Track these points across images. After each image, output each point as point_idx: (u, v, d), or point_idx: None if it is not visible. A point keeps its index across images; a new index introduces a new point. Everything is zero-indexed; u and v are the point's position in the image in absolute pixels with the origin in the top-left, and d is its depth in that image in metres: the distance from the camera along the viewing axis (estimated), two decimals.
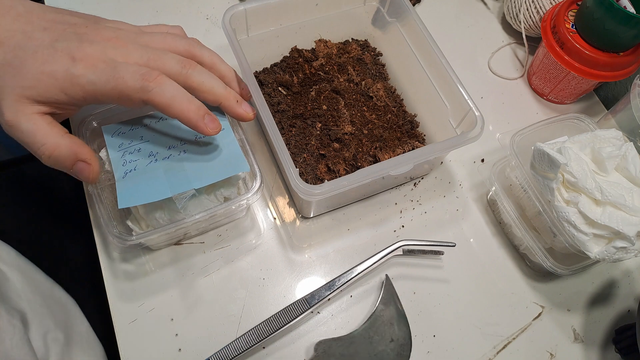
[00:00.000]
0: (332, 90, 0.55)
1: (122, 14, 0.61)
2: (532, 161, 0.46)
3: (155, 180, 0.41)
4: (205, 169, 0.42)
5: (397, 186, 0.55)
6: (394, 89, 0.59)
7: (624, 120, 0.53)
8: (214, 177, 0.42)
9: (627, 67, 0.56)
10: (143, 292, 0.46)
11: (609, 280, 0.54)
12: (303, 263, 0.50)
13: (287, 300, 0.47)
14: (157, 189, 0.40)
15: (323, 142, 0.52)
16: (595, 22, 0.53)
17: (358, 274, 0.47)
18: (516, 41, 0.68)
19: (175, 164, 0.42)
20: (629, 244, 0.42)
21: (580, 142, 0.47)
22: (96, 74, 0.35)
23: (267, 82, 0.56)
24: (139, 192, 0.40)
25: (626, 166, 0.45)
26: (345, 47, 0.60)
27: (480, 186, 0.57)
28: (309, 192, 0.41)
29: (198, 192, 0.42)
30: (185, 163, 0.42)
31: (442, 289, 0.50)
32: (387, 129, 0.54)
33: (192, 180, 0.41)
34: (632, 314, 0.52)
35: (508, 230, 0.53)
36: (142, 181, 0.40)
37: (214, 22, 0.63)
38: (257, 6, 0.50)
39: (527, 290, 0.52)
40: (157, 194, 0.40)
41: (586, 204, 0.43)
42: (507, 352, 0.48)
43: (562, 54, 0.57)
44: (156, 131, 0.43)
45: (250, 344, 0.43)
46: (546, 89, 0.63)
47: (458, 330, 0.49)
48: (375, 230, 0.52)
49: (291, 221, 0.52)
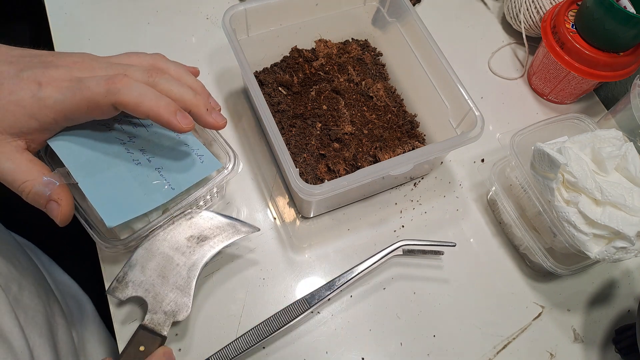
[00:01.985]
0: (332, 90, 0.55)
1: (122, 14, 0.61)
2: (532, 161, 0.46)
3: (132, 191, 0.40)
4: (179, 173, 0.42)
5: (397, 186, 0.55)
6: (394, 89, 0.59)
7: (624, 120, 0.53)
8: (191, 179, 0.42)
9: (627, 67, 0.56)
10: None
11: (609, 280, 0.54)
12: (303, 263, 0.50)
13: (287, 300, 0.47)
14: (139, 199, 0.40)
15: (323, 142, 0.52)
16: (595, 22, 0.53)
17: (358, 274, 0.47)
18: (516, 41, 0.68)
19: (146, 172, 0.41)
20: (629, 244, 0.42)
21: (580, 142, 0.47)
22: (62, 92, 0.35)
23: (267, 82, 0.56)
24: (122, 207, 0.39)
25: (626, 166, 0.45)
26: (345, 47, 0.60)
27: (480, 186, 0.57)
28: (309, 192, 0.41)
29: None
30: (157, 170, 0.42)
31: (442, 289, 0.50)
32: (387, 129, 0.54)
33: (173, 186, 0.41)
34: (632, 314, 0.52)
35: (508, 230, 0.53)
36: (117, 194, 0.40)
37: (214, 22, 0.63)
38: (257, 6, 0.50)
39: (527, 290, 0.52)
40: (142, 205, 0.40)
41: (586, 204, 0.43)
42: (507, 352, 0.48)
43: (562, 54, 0.57)
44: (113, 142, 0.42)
45: (250, 344, 0.43)
46: (546, 89, 0.63)
47: (458, 330, 0.49)
48: (375, 230, 0.52)
49: (291, 221, 0.52)
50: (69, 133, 0.39)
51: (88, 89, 0.35)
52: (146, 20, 0.61)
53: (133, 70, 0.38)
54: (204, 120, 0.40)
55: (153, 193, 0.41)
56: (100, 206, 0.39)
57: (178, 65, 0.42)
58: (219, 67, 0.60)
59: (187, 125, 0.37)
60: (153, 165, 0.42)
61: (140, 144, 0.42)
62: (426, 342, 0.48)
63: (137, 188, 0.40)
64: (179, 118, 0.37)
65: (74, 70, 0.37)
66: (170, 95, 0.38)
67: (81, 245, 0.60)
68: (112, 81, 0.35)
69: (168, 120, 0.37)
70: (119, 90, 0.35)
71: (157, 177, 0.41)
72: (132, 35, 0.60)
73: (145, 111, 0.36)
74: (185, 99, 0.39)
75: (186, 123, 0.37)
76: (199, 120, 0.40)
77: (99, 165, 0.40)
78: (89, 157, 0.40)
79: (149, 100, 0.36)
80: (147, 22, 0.61)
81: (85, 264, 0.58)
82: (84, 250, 0.55)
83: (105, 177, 0.40)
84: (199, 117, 0.40)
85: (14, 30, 0.87)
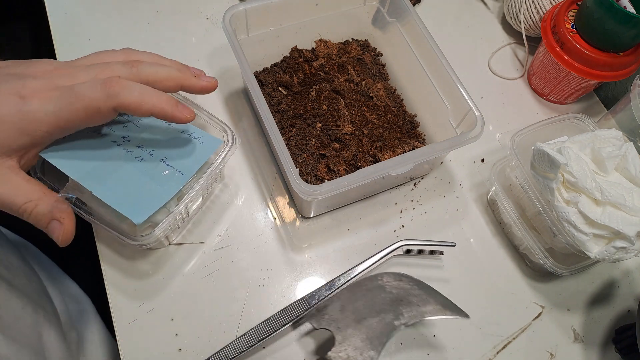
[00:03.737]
0: (332, 90, 0.55)
1: (122, 14, 0.61)
2: (532, 161, 0.46)
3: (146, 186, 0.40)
4: (185, 159, 0.43)
5: (397, 186, 0.55)
6: (394, 89, 0.59)
7: (624, 120, 0.53)
8: (198, 161, 0.43)
9: (627, 67, 0.56)
10: (143, 292, 0.46)
11: (609, 280, 0.54)
12: (303, 263, 0.50)
13: (287, 300, 0.47)
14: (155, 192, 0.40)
15: (323, 142, 0.52)
16: (595, 22, 0.53)
17: (358, 274, 0.47)
18: (516, 41, 0.68)
19: (152, 166, 0.41)
20: (629, 244, 0.42)
21: (580, 142, 0.47)
22: (54, 104, 0.34)
23: (267, 82, 0.56)
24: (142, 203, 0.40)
25: (626, 166, 0.45)
26: (345, 47, 0.60)
27: (480, 186, 0.57)
28: (309, 192, 0.41)
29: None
30: (162, 161, 0.42)
31: (442, 289, 0.50)
32: (387, 129, 0.54)
33: (183, 172, 0.42)
34: (632, 314, 0.52)
35: (508, 230, 0.53)
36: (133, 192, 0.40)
37: (214, 22, 0.63)
38: (257, 6, 0.50)
39: (527, 290, 0.52)
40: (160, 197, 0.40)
41: (586, 204, 0.43)
42: (507, 352, 0.48)
43: (562, 54, 0.57)
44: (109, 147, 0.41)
45: (250, 344, 0.43)
46: (546, 89, 0.63)
47: (458, 330, 0.49)
48: (375, 230, 0.52)
49: (291, 221, 0.52)
50: (62, 147, 0.39)
51: (85, 96, 0.34)
52: (146, 20, 0.61)
53: (113, 67, 0.37)
54: (198, 86, 0.40)
55: (166, 183, 0.41)
56: (123, 207, 0.39)
57: (150, 53, 0.41)
58: (219, 67, 0.60)
59: (190, 115, 0.38)
60: (156, 157, 0.42)
61: (136, 141, 0.42)
62: (426, 342, 0.48)
63: (149, 182, 0.41)
64: (180, 109, 0.37)
65: (54, 79, 0.35)
66: (158, 77, 0.38)
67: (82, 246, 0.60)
68: (109, 85, 0.34)
69: (172, 113, 0.37)
70: (119, 92, 0.34)
71: (165, 167, 0.42)
72: (132, 35, 0.60)
73: (148, 109, 0.36)
74: (173, 75, 0.39)
75: (188, 113, 0.38)
76: (192, 89, 0.40)
77: (105, 170, 0.40)
78: (93, 166, 0.40)
79: (149, 99, 0.36)
80: (147, 22, 0.61)
81: (85, 264, 0.58)
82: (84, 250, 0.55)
83: (116, 180, 0.40)
84: (191, 86, 0.40)
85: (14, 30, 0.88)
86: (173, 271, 0.48)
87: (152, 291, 0.46)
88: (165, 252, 0.48)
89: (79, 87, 0.34)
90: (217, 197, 0.52)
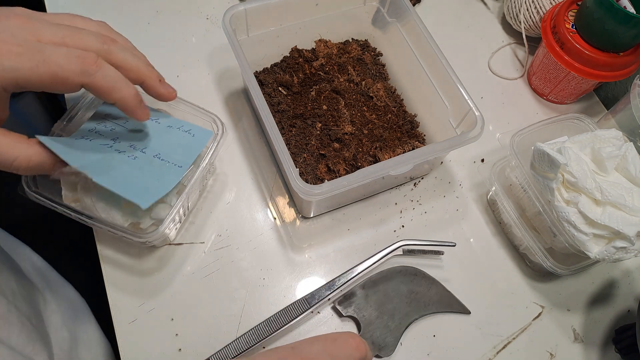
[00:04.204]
0: (332, 90, 0.55)
1: (122, 14, 0.61)
2: (532, 161, 0.46)
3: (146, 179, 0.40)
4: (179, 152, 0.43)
5: (397, 186, 0.55)
6: (394, 89, 0.59)
7: (624, 120, 0.53)
8: (192, 153, 0.43)
9: (627, 67, 0.56)
10: (143, 292, 0.46)
11: (609, 280, 0.54)
12: (303, 263, 0.50)
13: (287, 300, 0.47)
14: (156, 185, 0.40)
15: (323, 142, 0.52)
16: (595, 22, 0.53)
17: (358, 274, 0.47)
18: (516, 41, 0.68)
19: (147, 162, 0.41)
20: (629, 244, 0.42)
21: (580, 142, 0.47)
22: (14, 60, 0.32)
23: (267, 82, 0.56)
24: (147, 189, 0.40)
25: (626, 166, 0.45)
26: (345, 47, 0.60)
27: (480, 186, 0.57)
28: (309, 192, 0.41)
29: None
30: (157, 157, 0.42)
31: None
32: (387, 129, 0.54)
33: (179, 164, 0.42)
34: (632, 314, 0.52)
35: (508, 230, 0.53)
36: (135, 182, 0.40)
37: (214, 22, 0.63)
38: (257, 6, 0.50)
39: (527, 290, 0.52)
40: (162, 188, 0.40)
41: (586, 204, 0.43)
42: (507, 352, 0.48)
43: (562, 54, 0.57)
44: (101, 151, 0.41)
45: (250, 344, 0.43)
46: (546, 89, 0.63)
47: (458, 330, 0.49)
48: (375, 230, 0.52)
49: (291, 221, 0.52)
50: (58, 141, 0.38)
51: (56, 64, 0.32)
52: (146, 20, 0.61)
53: (85, 36, 0.35)
54: (157, 91, 0.40)
55: (165, 176, 0.41)
56: (128, 193, 0.39)
57: (125, 38, 0.41)
58: (219, 67, 0.60)
59: (147, 115, 0.38)
60: (150, 154, 0.42)
61: (127, 142, 0.42)
62: (426, 342, 0.48)
63: (147, 176, 0.41)
64: (142, 107, 0.37)
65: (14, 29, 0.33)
66: (126, 65, 0.37)
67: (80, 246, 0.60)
68: (87, 62, 0.33)
69: (134, 109, 0.37)
70: (95, 73, 0.34)
71: (160, 162, 0.42)
72: (132, 35, 0.59)
73: (115, 98, 0.35)
74: (141, 70, 0.38)
75: (147, 113, 0.38)
76: (151, 91, 0.40)
77: (104, 165, 0.40)
78: (91, 160, 0.39)
79: (119, 89, 0.35)
80: (147, 22, 0.61)
81: (85, 265, 0.58)
82: (83, 250, 0.54)
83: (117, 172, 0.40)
84: (152, 88, 0.39)
85: None
86: (173, 271, 0.48)
87: (152, 291, 0.46)
88: (166, 253, 0.48)
89: (51, 51, 0.33)
90: (217, 197, 0.52)
